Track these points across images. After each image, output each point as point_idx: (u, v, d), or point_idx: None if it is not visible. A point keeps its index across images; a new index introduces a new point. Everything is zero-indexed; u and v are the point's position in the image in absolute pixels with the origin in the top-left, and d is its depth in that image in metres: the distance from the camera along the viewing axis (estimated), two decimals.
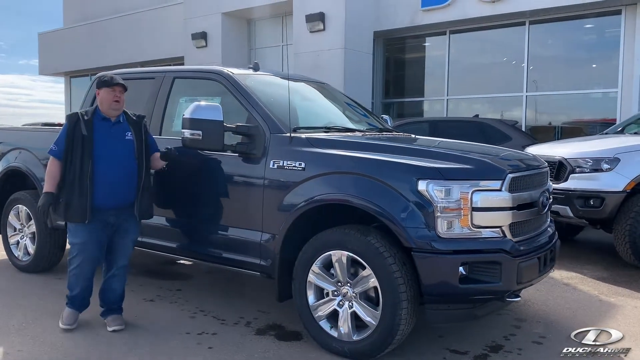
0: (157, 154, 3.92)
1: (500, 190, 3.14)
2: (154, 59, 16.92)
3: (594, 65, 10.92)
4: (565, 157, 5.84)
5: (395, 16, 12.00)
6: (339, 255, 3.30)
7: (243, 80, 4.03)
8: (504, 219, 3.15)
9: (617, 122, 9.98)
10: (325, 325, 3.42)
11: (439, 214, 3.03)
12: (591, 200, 5.62)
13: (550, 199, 3.71)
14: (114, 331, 3.76)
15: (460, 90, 12.20)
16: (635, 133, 6.61)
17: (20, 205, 5.27)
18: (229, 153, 3.74)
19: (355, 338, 3.28)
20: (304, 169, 3.46)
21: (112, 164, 3.69)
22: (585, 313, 4.24)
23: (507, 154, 3.65)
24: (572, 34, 11.00)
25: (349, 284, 3.31)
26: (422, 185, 3.05)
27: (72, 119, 3.75)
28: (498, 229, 3.14)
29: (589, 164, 5.72)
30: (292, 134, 3.60)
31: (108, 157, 3.68)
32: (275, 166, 3.57)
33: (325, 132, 3.94)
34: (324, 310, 3.42)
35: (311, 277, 3.43)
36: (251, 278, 4.80)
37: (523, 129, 10.52)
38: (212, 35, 13.89)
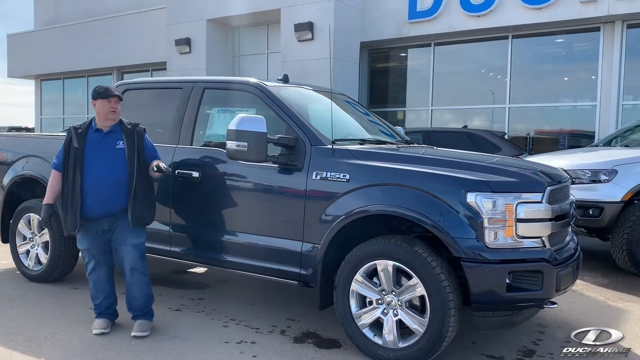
0: (155, 162, 3.86)
1: (541, 202, 3.31)
2: (132, 64, 16.78)
3: (573, 79, 11.38)
4: (565, 169, 6.09)
5: (381, 27, 12.24)
6: (384, 265, 3.40)
7: (278, 92, 4.10)
8: (545, 230, 3.31)
9: (596, 134, 10.47)
10: (368, 333, 3.50)
11: (486, 225, 3.17)
12: (590, 210, 5.88)
13: (575, 210, 3.91)
14: (134, 336, 3.80)
15: (444, 101, 12.50)
16: (626, 146, 6.95)
17: (31, 214, 5.17)
18: (268, 164, 3.80)
19: (401, 345, 3.38)
20: (348, 180, 3.55)
21: (100, 173, 3.76)
22: (599, 318, 4.45)
23: (539, 167, 3.82)
24: (553, 49, 11.44)
25: (393, 293, 3.42)
26: (470, 197, 3.19)
27: (68, 133, 3.88)
28: (539, 239, 3.30)
29: (588, 175, 5.99)
30: (334, 146, 3.69)
31: (96, 167, 3.76)
32: (318, 177, 3.65)
33: (360, 144, 4.04)
34: (367, 318, 3.50)
35: (354, 285, 3.52)
36: (269, 285, 4.94)
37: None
38: (196, 42, 13.83)
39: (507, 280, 3.19)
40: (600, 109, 10.57)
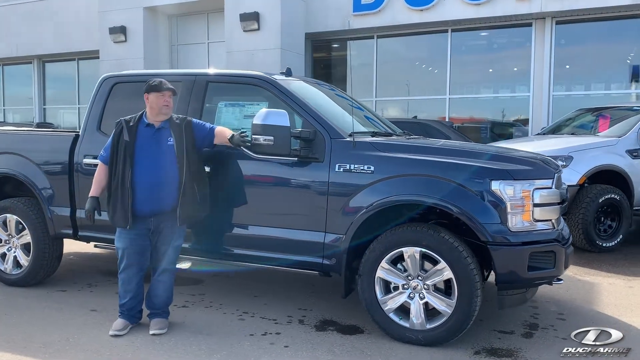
0: (219, 129, 3.88)
1: (551, 188, 3.62)
2: (57, 52, 15.82)
3: (508, 72, 12.13)
4: None
5: (326, 19, 12.38)
6: (411, 252, 3.58)
7: (288, 85, 4.13)
8: (555, 213, 3.62)
9: (530, 123, 11.27)
10: (394, 317, 3.67)
11: (509, 211, 3.43)
12: None
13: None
14: (153, 334, 3.77)
15: (388, 92, 12.88)
16: (573, 134, 7.58)
17: (7, 215, 4.87)
18: (287, 158, 3.83)
19: (428, 326, 3.58)
20: (373, 172, 3.67)
21: (152, 170, 3.71)
22: (577, 291, 4.90)
23: (540, 156, 4.14)
24: (489, 43, 12.12)
25: (419, 277, 3.60)
26: (495, 185, 3.43)
27: (118, 125, 3.81)
28: (549, 222, 3.61)
29: None
30: (355, 139, 3.79)
31: (148, 163, 3.71)
32: (341, 170, 3.74)
33: (372, 135, 4.17)
34: (393, 303, 3.67)
35: (380, 272, 3.67)
36: (263, 276, 5.13)
37: None
38: (132, 30, 13.30)
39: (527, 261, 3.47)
40: (533, 99, 11.36)
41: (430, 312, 3.63)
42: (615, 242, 6.49)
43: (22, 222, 4.82)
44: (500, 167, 3.51)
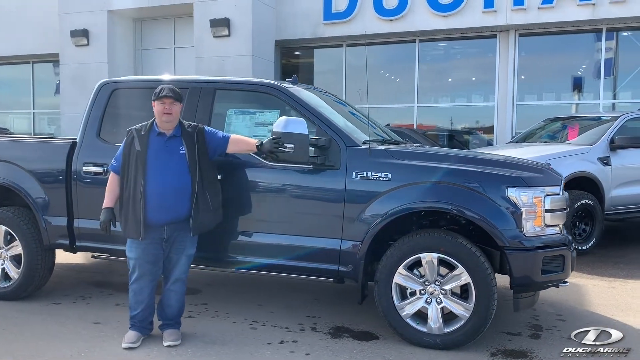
0: (235, 137, 3.83)
1: (559, 194, 3.78)
2: (10, 54, 15.17)
3: (473, 81, 12.55)
4: None
5: (295, 27, 12.43)
6: (429, 258, 3.65)
7: (299, 94, 4.15)
8: (562, 218, 3.79)
9: (494, 130, 11.69)
10: (412, 322, 3.73)
11: (524, 216, 3.56)
12: None
13: None
14: (168, 346, 3.69)
15: (357, 100, 13.00)
16: (545, 142, 7.91)
17: None
18: (305, 165, 3.84)
19: (446, 330, 3.66)
20: (390, 179, 3.73)
21: (164, 179, 3.64)
22: (566, 293, 5.09)
23: (540, 163, 4.31)
24: (455, 53, 12.49)
25: (437, 283, 3.69)
26: (511, 192, 3.56)
27: (129, 135, 3.73)
28: (557, 227, 3.78)
29: None
30: (371, 147, 3.85)
31: (160, 173, 3.64)
32: (358, 177, 3.78)
33: (382, 143, 4.24)
34: (410, 308, 3.73)
35: (397, 278, 3.73)
36: (261, 284, 5.14)
37: None
38: (95, 34, 12.91)
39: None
40: (498, 108, 11.77)
41: (447, 317, 3.71)
42: (589, 245, 6.81)
43: (11, 232, 4.62)
44: (514, 175, 3.65)
